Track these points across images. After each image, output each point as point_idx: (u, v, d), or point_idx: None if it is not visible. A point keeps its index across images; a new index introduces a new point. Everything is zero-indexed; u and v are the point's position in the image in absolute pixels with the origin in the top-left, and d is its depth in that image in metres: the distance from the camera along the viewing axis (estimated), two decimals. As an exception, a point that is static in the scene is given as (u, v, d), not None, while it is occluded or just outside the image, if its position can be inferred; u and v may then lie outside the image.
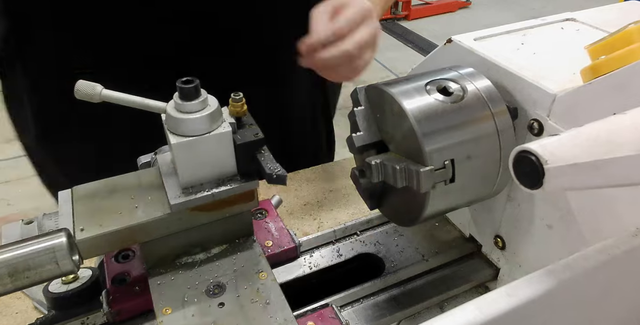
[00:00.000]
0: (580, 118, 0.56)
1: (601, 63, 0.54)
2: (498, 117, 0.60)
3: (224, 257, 0.68)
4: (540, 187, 0.37)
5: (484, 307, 0.40)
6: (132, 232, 0.60)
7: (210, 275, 0.65)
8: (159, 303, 0.62)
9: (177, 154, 0.59)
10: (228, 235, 0.70)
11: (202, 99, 0.58)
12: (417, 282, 0.77)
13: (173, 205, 0.60)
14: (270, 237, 0.76)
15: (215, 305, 0.61)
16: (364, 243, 0.82)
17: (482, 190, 0.63)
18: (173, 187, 0.62)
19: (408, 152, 0.60)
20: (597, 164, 0.37)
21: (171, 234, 0.64)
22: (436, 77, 0.62)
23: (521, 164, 0.38)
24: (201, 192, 0.61)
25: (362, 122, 0.65)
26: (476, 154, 0.59)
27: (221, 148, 0.61)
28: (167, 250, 0.67)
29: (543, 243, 0.67)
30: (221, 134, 0.60)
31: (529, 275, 0.43)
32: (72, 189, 0.64)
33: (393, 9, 5.34)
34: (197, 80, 0.58)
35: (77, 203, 0.62)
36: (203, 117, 0.58)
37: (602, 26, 0.73)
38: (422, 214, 0.61)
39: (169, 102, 0.60)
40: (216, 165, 0.62)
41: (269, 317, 0.59)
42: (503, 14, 5.55)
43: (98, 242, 0.59)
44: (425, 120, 0.57)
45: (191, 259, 0.68)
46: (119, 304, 0.66)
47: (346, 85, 4.14)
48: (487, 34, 0.72)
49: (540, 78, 0.60)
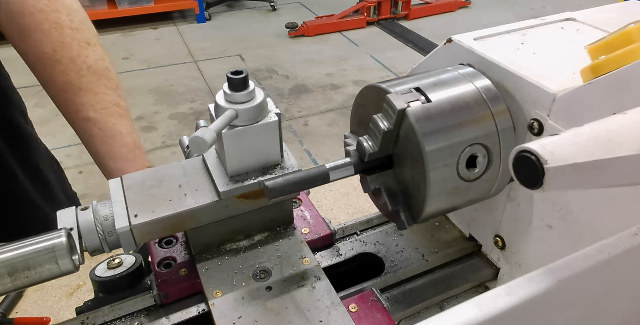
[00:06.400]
0: (580, 118, 0.56)
1: (601, 63, 0.54)
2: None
3: (267, 244, 0.71)
4: (541, 187, 0.37)
5: (484, 305, 0.40)
6: (183, 219, 0.63)
7: (255, 261, 0.69)
8: (209, 287, 0.65)
9: (227, 144, 0.61)
10: (270, 223, 0.73)
11: (250, 90, 0.60)
12: (417, 282, 0.77)
13: (222, 193, 0.62)
14: (307, 225, 0.79)
15: (264, 289, 0.64)
16: (364, 243, 0.82)
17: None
18: (221, 176, 0.65)
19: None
20: (598, 164, 0.37)
21: (218, 221, 0.66)
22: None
23: (521, 164, 0.38)
24: (248, 180, 0.64)
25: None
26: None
27: (268, 137, 0.63)
28: (213, 237, 0.70)
29: (543, 243, 0.67)
30: (268, 124, 0.63)
31: (529, 274, 0.43)
32: (122, 178, 0.66)
33: (393, 9, 5.34)
34: (247, 71, 0.60)
35: (128, 191, 0.64)
36: (252, 107, 0.60)
37: (602, 26, 0.73)
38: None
39: (218, 93, 0.62)
40: (262, 154, 0.65)
41: (316, 300, 0.62)
42: (503, 14, 5.55)
43: (151, 228, 0.61)
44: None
45: (235, 245, 0.71)
46: (168, 287, 0.69)
47: (345, 85, 4.13)
48: (487, 34, 0.72)
49: (540, 78, 0.60)
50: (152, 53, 4.74)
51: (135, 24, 5.22)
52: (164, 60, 4.59)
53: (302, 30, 5.03)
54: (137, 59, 4.62)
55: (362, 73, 4.37)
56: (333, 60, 4.60)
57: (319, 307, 0.61)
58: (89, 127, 0.92)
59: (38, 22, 0.88)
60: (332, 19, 5.18)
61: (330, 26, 5.13)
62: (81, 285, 1.09)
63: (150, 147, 3.36)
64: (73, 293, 1.07)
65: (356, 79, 4.26)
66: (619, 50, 0.52)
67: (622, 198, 0.54)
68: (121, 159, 0.92)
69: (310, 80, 4.25)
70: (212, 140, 0.54)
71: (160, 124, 3.66)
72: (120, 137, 0.92)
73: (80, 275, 1.08)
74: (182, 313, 0.68)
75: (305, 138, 3.52)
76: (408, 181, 0.61)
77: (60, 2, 0.91)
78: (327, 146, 3.42)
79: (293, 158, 0.68)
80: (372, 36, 5.13)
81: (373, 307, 0.65)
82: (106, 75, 0.94)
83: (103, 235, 0.60)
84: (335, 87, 4.13)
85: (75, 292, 1.08)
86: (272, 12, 5.73)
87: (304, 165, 2.61)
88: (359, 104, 0.67)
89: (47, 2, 0.90)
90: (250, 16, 5.67)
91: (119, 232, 0.59)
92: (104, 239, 0.61)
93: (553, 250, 0.65)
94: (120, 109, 0.94)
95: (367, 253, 0.80)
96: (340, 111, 3.80)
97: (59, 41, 0.89)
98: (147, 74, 4.38)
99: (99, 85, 0.92)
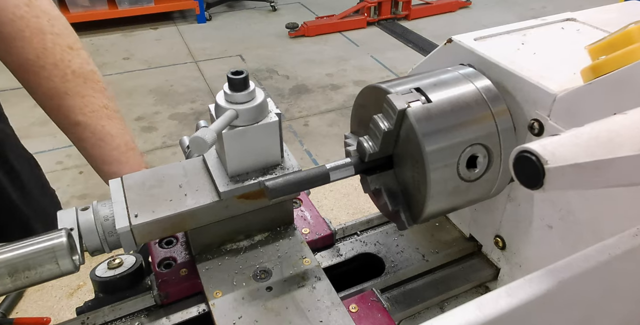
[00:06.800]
0: (580, 118, 0.56)
1: (601, 63, 0.54)
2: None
3: (267, 244, 0.72)
4: (541, 187, 0.37)
5: (484, 307, 0.40)
6: (183, 219, 0.63)
7: (255, 261, 0.69)
8: (209, 287, 0.65)
9: (227, 144, 0.61)
10: (270, 223, 0.73)
11: (250, 90, 0.60)
12: (417, 282, 0.77)
13: (222, 193, 0.63)
14: (307, 224, 0.79)
15: (264, 289, 0.64)
16: (364, 243, 0.82)
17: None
18: (221, 176, 0.65)
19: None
20: (598, 164, 0.37)
21: (218, 221, 0.66)
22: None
23: (521, 164, 0.38)
24: (248, 180, 0.64)
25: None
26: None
27: (268, 137, 0.64)
28: (213, 237, 0.70)
29: (543, 243, 0.67)
30: (268, 124, 0.63)
31: (529, 275, 0.43)
32: (122, 178, 0.66)
33: (393, 9, 5.34)
34: (247, 71, 0.60)
35: (128, 191, 0.65)
36: (252, 107, 0.60)
37: (602, 26, 0.73)
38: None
39: (218, 93, 0.62)
40: (262, 154, 0.65)
41: (316, 300, 0.62)
42: (503, 14, 5.55)
43: (151, 228, 0.61)
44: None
45: (235, 245, 0.72)
46: (168, 286, 0.69)
47: (345, 85, 4.12)
48: (488, 34, 0.72)
49: (540, 78, 0.60)
50: (152, 53, 4.73)
51: (135, 24, 5.21)
52: (164, 60, 4.59)
53: (302, 30, 5.02)
54: (137, 59, 4.62)
55: (362, 73, 4.36)
56: (333, 60, 4.60)
57: (319, 307, 0.61)
58: (79, 131, 0.92)
59: (19, 29, 0.87)
60: (332, 19, 5.17)
61: (330, 26, 5.13)
62: (81, 285, 1.09)
63: (150, 147, 3.36)
64: (73, 293, 1.07)
65: (356, 79, 4.26)
66: (619, 50, 0.52)
67: (622, 198, 0.54)
68: (114, 161, 0.92)
69: (310, 80, 4.25)
70: (212, 140, 0.54)
71: (160, 124, 3.66)
72: (110, 139, 0.92)
73: (80, 275, 1.08)
74: (182, 313, 0.68)
75: (305, 138, 3.51)
76: (408, 181, 0.61)
77: (40, 8, 0.90)
78: (327, 146, 3.41)
79: (293, 158, 0.68)
80: (372, 36, 5.13)
81: (373, 307, 0.65)
82: (91, 78, 0.93)
83: (103, 235, 0.61)
84: (335, 87, 4.13)
85: (75, 292, 1.08)
86: (272, 12, 5.73)
87: (304, 165, 2.61)
88: (359, 104, 0.67)
89: (27, 8, 0.88)
90: (250, 16, 5.67)
91: (119, 232, 0.59)
92: (104, 239, 0.61)
93: (553, 251, 0.65)
94: (108, 110, 0.94)
95: (367, 253, 0.80)
96: (340, 111, 3.80)
97: (41, 47, 0.88)
98: (147, 74, 4.37)
99: (85, 87, 0.92)
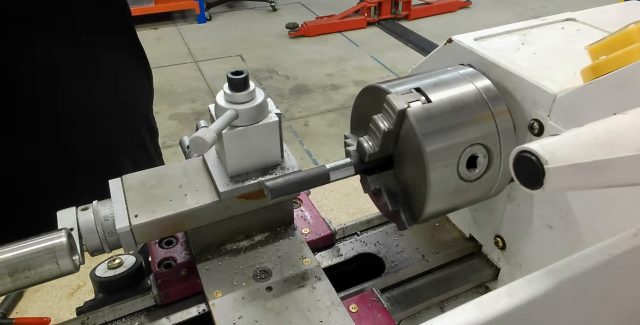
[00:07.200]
0: (580, 118, 0.56)
1: (601, 63, 0.54)
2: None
3: (267, 244, 0.72)
4: (541, 187, 0.37)
5: (484, 307, 0.40)
6: (183, 219, 0.63)
7: (255, 261, 0.69)
8: (209, 287, 0.65)
9: (227, 143, 0.61)
10: (270, 223, 0.73)
11: (250, 90, 0.60)
12: (417, 282, 0.77)
13: (222, 193, 0.63)
14: (307, 225, 0.79)
15: (264, 289, 0.64)
16: (364, 243, 0.82)
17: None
18: (221, 176, 0.65)
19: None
20: (598, 164, 0.37)
21: (218, 221, 0.66)
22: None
23: (521, 164, 0.38)
24: (248, 180, 0.64)
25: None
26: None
27: (268, 137, 0.64)
28: (213, 237, 0.70)
29: (543, 243, 0.67)
30: (268, 124, 0.63)
31: (529, 275, 0.43)
32: (122, 178, 0.67)
33: (393, 9, 5.34)
34: (247, 71, 0.60)
35: (128, 191, 0.65)
36: (252, 107, 0.61)
37: (602, 26, 0.73)
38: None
39: (218, 93, 0.62)
40: (262, 154, 0.65)
41: (316, 300, 0.62)
42: (503, 14, 5.55)
43: (151, 228, 0.61)
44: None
45: (235, 245, 0.72)
46: (168, 286, 0.69)
47: (346, 85, 4.11)
48: (488, 34, 0.72)
49: (540, 78, 0.60)
50: (152, 53, 4.69)
51: (135, 23, 5.21)
52: (164, 60, 4.58)
53: (302, 30, 5.02)
54: (137, 59, 4.62)
55: (362, 73, 4.36)
56: (333, 60, 4.60)
57: (319, 307, 0.61)
58: None
59: None
60: (332, 19, 5.17)
61: (330, 26, 5.13)
62: (81, 285, 1.09)
63: (150, 147, 3.35)
64: (73, 293, 1.08)
65: (356, 79, 4.26)
66: (619, 50, 0.52)
67: (622, 198, 0.54)
68: None
69: (310, 80, 4.25)
70: (212, 140, 0.54)
71: (160, 124, 3.64)
72: None
73: (80, 275, 1.08)
74: (182, 313, 0.68)
75: (305, 138, 3.51)
76: (408, 181, 0.61)
77: None
78: (327, 146, 3.41)
79: (293, 158, 0.68)
80: (372, 36, 5.13)
81: (373, 307, 0.65)
82: None
83: (103, 235, 0.60)
84: (335, 87, 4.13)
85: (75, 292, 1.08)
86: (272, 12, 5.73)
87: (304, 165, 2.61)
88: (359, 104, 0.67)
89: None
90: (250, 16, 5.67)
91: (119, 232, 0.59)
92: (104, 238, 0.61)
93: (553, 251, 0.65)
94: None
95: (367, 253, 0.80)
96: (340, 111, 3.80)
97: None
98: (147, 73, 4.37)
99: None
